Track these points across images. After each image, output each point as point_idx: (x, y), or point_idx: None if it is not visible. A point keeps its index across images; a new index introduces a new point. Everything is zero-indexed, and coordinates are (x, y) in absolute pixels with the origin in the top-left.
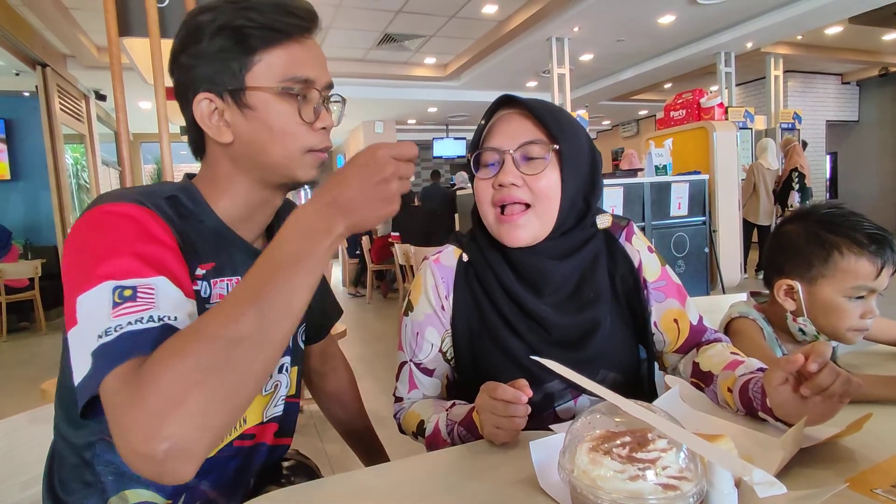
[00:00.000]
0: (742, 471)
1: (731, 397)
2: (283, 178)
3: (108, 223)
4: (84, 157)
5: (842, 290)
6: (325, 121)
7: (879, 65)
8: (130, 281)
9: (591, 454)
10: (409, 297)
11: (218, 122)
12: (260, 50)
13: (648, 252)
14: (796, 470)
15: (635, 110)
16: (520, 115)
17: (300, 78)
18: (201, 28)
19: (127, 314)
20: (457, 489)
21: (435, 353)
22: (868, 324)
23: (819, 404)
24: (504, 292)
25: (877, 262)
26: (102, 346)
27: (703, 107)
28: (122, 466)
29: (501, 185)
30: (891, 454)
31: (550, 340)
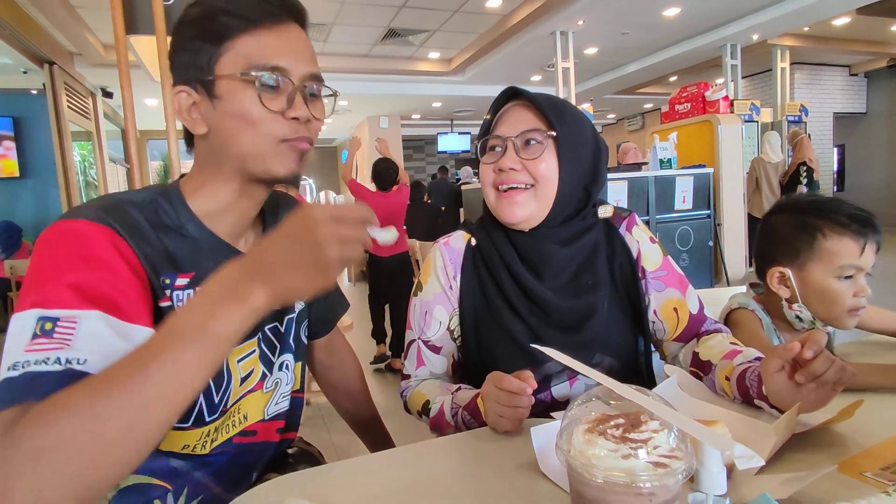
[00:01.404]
0: (724, 446)
1: (728, 385)
2: (259, 171)
3: (57, 243)
4: (92, 154)
5: (830, 271)
6: (298, 110)
7: (888, 56)
8: (56, 312)
9: (586, 435)
10: (419, 279)
11: (195, 116)
12: (228, 39)
13: (650, 242)
14: (789, 454)
15: (640, 104)
16: (523, 106)
17: (268, 65)
18: (181, 23)
19: (36, 351)
20: (460, 474)
21: (443, 331)
22: (862, 302)
23: (813, 391)
24: (508, 274)
25: (860, 241)
26: (5, 381)
27: (707, 100)
28: None
29: (501, 169)
30: (881, 440)
31: (549, 323)
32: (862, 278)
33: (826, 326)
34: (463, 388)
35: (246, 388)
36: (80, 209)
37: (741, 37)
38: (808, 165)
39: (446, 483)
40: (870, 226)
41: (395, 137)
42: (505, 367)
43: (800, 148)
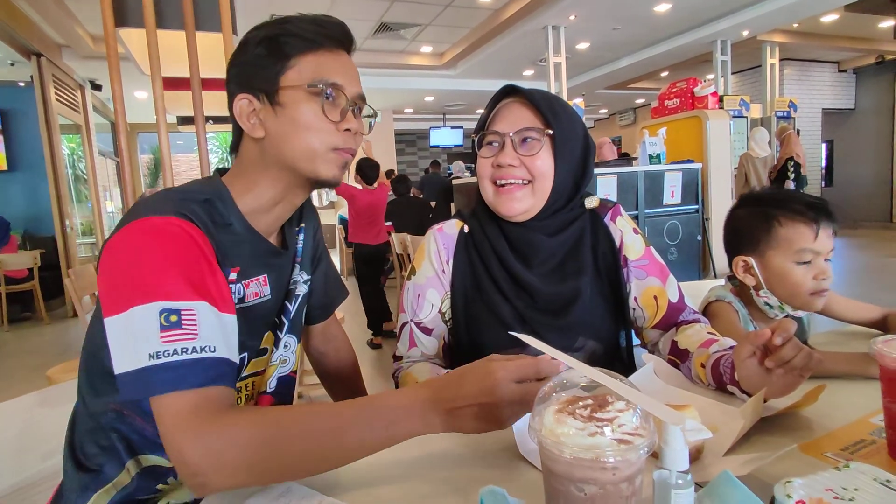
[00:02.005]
0: (675, 420)
1: (703, 372)
2: (307, 172)
3: (157, 238)
4: (80, 147)
5: (788, 256)
6: (351, 123)
7: (876, 52)
8: (176, 304)
9: (556, 415)
10: (413, 264)
11: (254, 121)
12: (293, 56)
13: (633, 233)
14: (757, 437)
15: (632, 99)
16: (520, 103)
17: (328, 81)
18: (248, 41)
19: (174, 341)
20: (444, 456)
21: (434, 313)
22: (824, 285)
23: (782, 377)
24: (498, 260)
25: (813, 226)
26: (155, 368)
27: (696, 96)
28: (132, 435)
29: (500, 165)
30: (843, 423)
31: (536, 306)
32: (822, 262)
33: (797, 311)
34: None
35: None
36: (160, 205)
37: (731, 33)
38: (795, 160)
39: (432, 465)
40: (822, 212)
41: (388, 131)
42: (493, 347)
43: (787, 143)
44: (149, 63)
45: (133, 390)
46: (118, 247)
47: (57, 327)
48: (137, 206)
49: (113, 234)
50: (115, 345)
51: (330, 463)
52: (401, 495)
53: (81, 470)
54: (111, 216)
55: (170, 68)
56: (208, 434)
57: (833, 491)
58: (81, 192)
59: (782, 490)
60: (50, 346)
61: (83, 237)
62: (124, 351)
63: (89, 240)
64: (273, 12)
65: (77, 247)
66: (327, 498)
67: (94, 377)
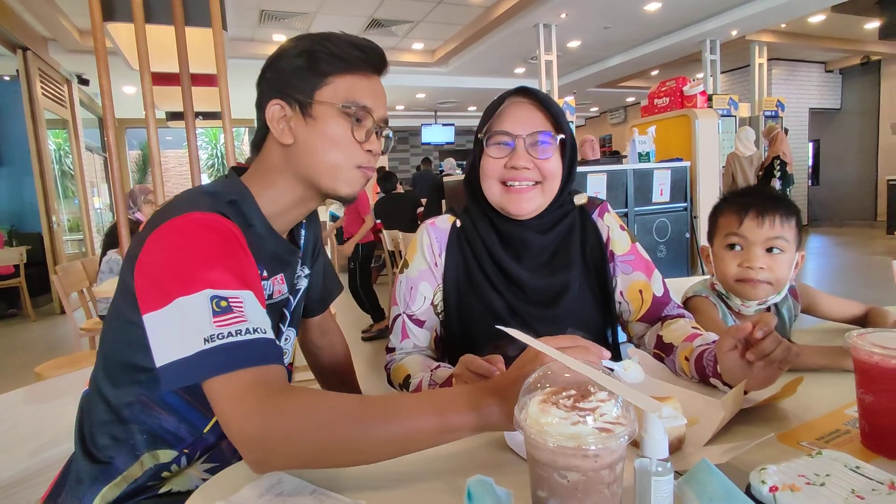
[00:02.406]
0: (652, 408)
1: (687, 365)
2: (326, 187)
3: (202, 233)
4: (67, 142)
5: (721, 242)
6: (373, 144)
7: (861, 53)
8: (224, 292)
9: (541, 405)
10: (405, 257)
11: (283, 126)
12: (330, 74)
13: (619, 229)
14: (737, 428)
15: (623, 97)
16: (530, 104)
17: (359, 104)
18: (287, 51)
19: (227, 325)
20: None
21: (427, 305)
22: (750, 273)
23: (762, 369)
24: (489, 256)
25: (739, 213)
26: (211, 351)
27: (685, 94)
28: (155, 429)
29: (514, 167)
30: (820, 414)
31: (526, 299)
32: (754, 250)
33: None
34: (442, 367)
35: None
36: (198, 203)
37: (720, 32)
38: (781, 159)
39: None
40: (753, 200)
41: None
42: (484, 339)
43: (774, 142)
44: (137, 58)
45: (186, 376)
46: (161, 242)
47: (44, 324)
48: (173, 203)
49: (149, 230)
50: (160, 337)
51: (381, 452)
52: (389, 484)
53: (93, 461)
54: (99, 212)
55: (159, 63)
56: (270, 412)
57: (805, 477)
58: (68, 187)
59: (757, 476)
60: (38, 342)
61: (70, 233)
62: (172, 341)
63: (76, 236)
64: (263, 7)
65: (64, 243)
66: (319, 489)
67: (113, 370)
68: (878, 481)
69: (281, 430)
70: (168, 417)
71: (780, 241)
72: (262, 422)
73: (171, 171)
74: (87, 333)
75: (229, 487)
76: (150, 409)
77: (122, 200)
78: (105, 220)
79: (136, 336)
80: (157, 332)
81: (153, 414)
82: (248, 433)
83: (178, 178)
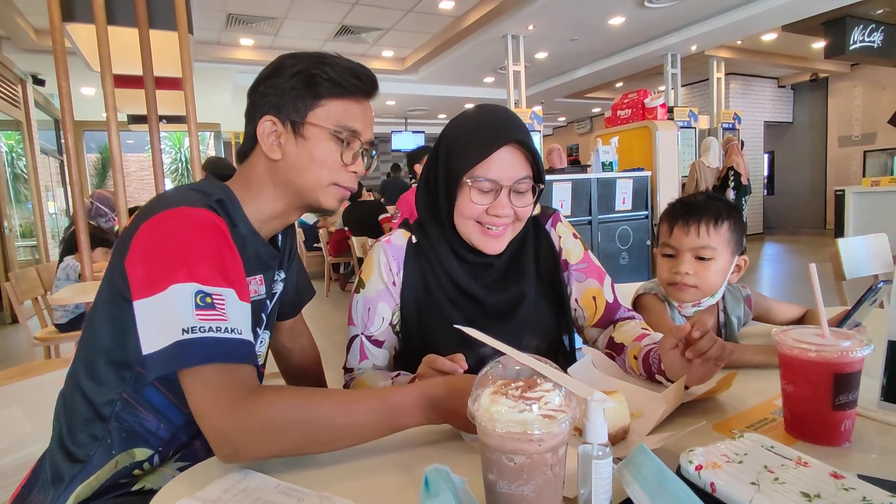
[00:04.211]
0: (583, 392)
1: (635, 364)
2: (308, 200)
3: (194, 227)
4: (20, 144)
5: (658, 250)
6: (358, 167)
7: (810, 70)
8: (209, 288)
9: (491, 396)
10: (361, 276)
11: (273, 142)
12: (325, 97)
13: (573, 238)
14: (678, 420)
15: (589, 108)
16: (515, 148)
17: (350, 128)
18: (283, 68)
19: (208, 320)
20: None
21: (385, 325)
22: (677, 278)
23: (700, 366)
24: (445, 274)
25: (670, 222)
26: (189, 342)
27: (647, 107)
28: (136, 427)
29: (497, 215)
30: (751, 405)
31: (484, 313)
32: (685, 256)
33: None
34: (402, 374)
35: None
36: (190, 199)
37: (681, 47)
38: (735, 170)
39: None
40: (680, 211)
41: None
42: (444, 351)
43: (729, 153)
44: (98, 60)
45: (165, 364)
46: (155, 232)
47: None
48: (164, 197)
49: (140, 221)
50: (147, 324)
51: (341, 443)
52: (349, 474)
53: (71, 460)
54: (54, 217)
55: (120, 65)
56: (242, 410)
57: (727, 456)
58: (21, 192)
59: (686, 458)
60: None
61: (23, 239)
62: (157, 328)
63: (30, 242)
64: (229, 11)
65: (16, 249)
66: (283, 483)
67: (96, 368)
68: (788, 458)
69: (251, 428)
70: (149, 416)
71: (706, 250)
72: (233, 420)
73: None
74: (41, 343)
75: (195, 485)
76: (133, 408)
77: (81, 205)
78: (61, 226)
79: (122, 330)
80: (144, 320)
81: (135, 412)
82: (220, 429)
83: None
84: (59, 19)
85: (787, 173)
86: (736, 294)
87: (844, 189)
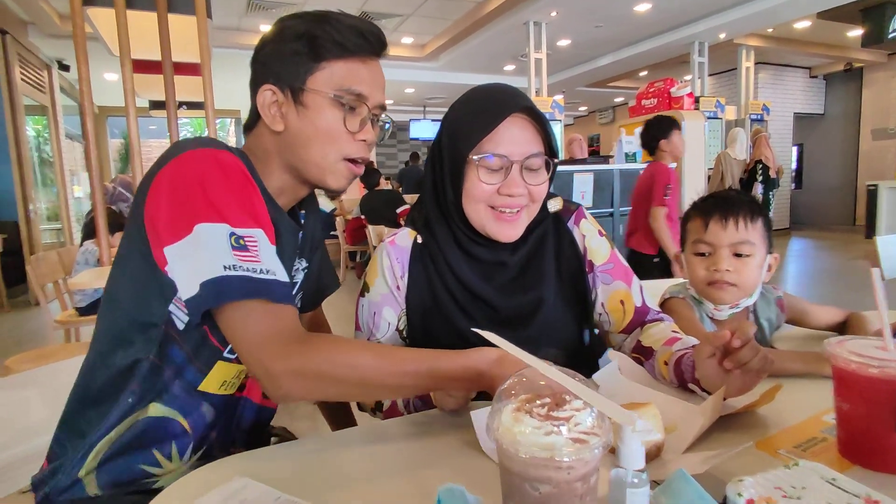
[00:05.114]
0: (626, 420)
1: (666, 370)
2: (314, 178)
3: (217, 166)
4: (47, 129)
5: (690, 249)
6: (367, 134)
7: (845, 60)
8: (241, 230)
9: (514, 414)
10: (365, 279)
11: (275, 112)
12: (326, 59)
13: (598, 236)
14: (716, 435)
15: (612, 97)
16: (528, 121)
17: (354, 91)
18: (284, 31)
19: (245, 261)
20: (404, 451)
21: (392, 331)
22: (717, 277)
23: (739, 377)
24: (453, 275)
25: (704, 218)
26: (231, 277)
27: (673, 96)
28: (158, 383)
29: (510, 194)
30: (798, 421)
31: (498, 319)
32: (721, 253)
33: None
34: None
35: None
36: (211, 143)
37: (709, 35)
38: (763, 163)
39: (399, 460)
40: (716, 204)
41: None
42: None
43: (758, 145)
44: (118, 44)
45: (206, 300)
46: (179, 173)
47: (18, 315)
48: (181, 143)
49: (157, 168)
50: (184, 264)
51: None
52: (359, 490)
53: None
54: (79, 201)
55: (142, 50)
56: (293, 356)
57: (782, 489)
58: (48, 175)
59: (734, 489)
60: (9, 334)
61: (49, 222)
62: (196, 267)
63: (55, 225)
64: None
65: (42, 232)
66: (284, 495)
67: (122, 330)
68: (855, 494)
69: (302, 374)
70: (177, 381)
71: (745, 246)
72: (284, 364)
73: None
74: (61, 326)
75: (193, 491)
76: (156, 366)
77: (100, 190)
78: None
79: (146, 289)
80: (179, 261)
81: (157, 370)
82: (270, 372)
83: None
84: (80, 3)
85: (816, 167)
86: (767, 295)
87: (877, 184)
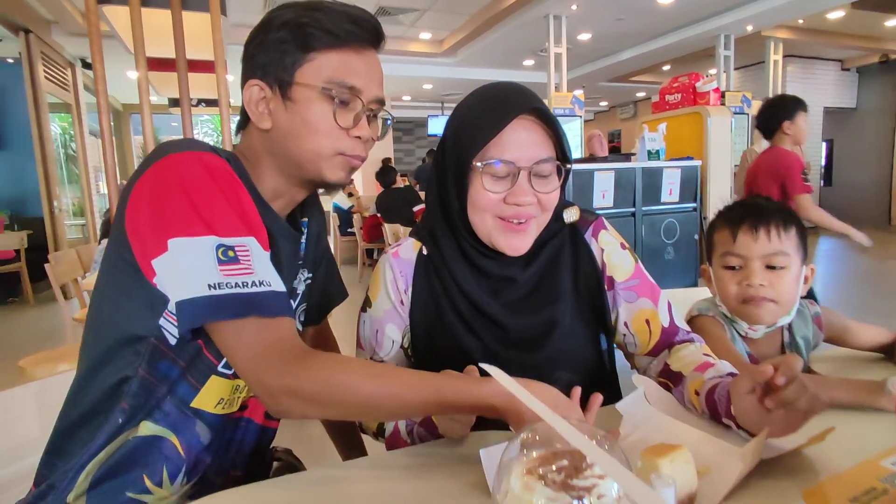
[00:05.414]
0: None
1: (697, 400)
2: (310, 174)
3: (204, 170)
4: (72, 126)
5: (718, 262)
6: (362, 130)
7: (880, 51)
8: (230, 240)
9: (525, 478)
10: (368, 293)
11: (262, 109)
12: (315, 50)
13: (620, 249)
14: (755, 481)
15: (633, 92)
16: (536, 124)
17: (346, 84)
18: (271, 21)
19: (233, 275)
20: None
21: (396, 349)
22: (751, 292)
23: (783, 417)
24: (459, 291)
25: (733, 228)
26: (219, 297)
27: (698, 91)
28: (150, 400)
29: (518, 204)
30: (849, 465)
31: (506, 340)
32: (753, 266)
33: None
34: None
35: None
36: (195, 145)
37: (735, 27)
38: None
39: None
40: (744, 211)
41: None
42: None
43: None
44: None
45: (193, 319)
46: (161, 180)
47: (41, 311)
48: (165, 145)
49: (139, 172)
50: (169, 279)
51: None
52: None
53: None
54: (104, 197)
55: (159, 48)
56: (292, 375)
57: None
58: (73, 171)
59: None
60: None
61: (74, 218)
62: (182, 280)
63: (80, 221)
64: None
65: (67, 228)
66: None
67: (108, 344)
68: None
69: (302, 394)
70: (169, 398)
71: (779, 257)
72: (283, 382)
73: None
74: (79, 324)
75: None
76: (146, 382)
77: (115, 188)
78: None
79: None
80: (165, 275)
81: (148, 386)
82: (270, 390)
83: None
84: (94, 1)
85: (847, 163)
86: (803, 311)
87: None
